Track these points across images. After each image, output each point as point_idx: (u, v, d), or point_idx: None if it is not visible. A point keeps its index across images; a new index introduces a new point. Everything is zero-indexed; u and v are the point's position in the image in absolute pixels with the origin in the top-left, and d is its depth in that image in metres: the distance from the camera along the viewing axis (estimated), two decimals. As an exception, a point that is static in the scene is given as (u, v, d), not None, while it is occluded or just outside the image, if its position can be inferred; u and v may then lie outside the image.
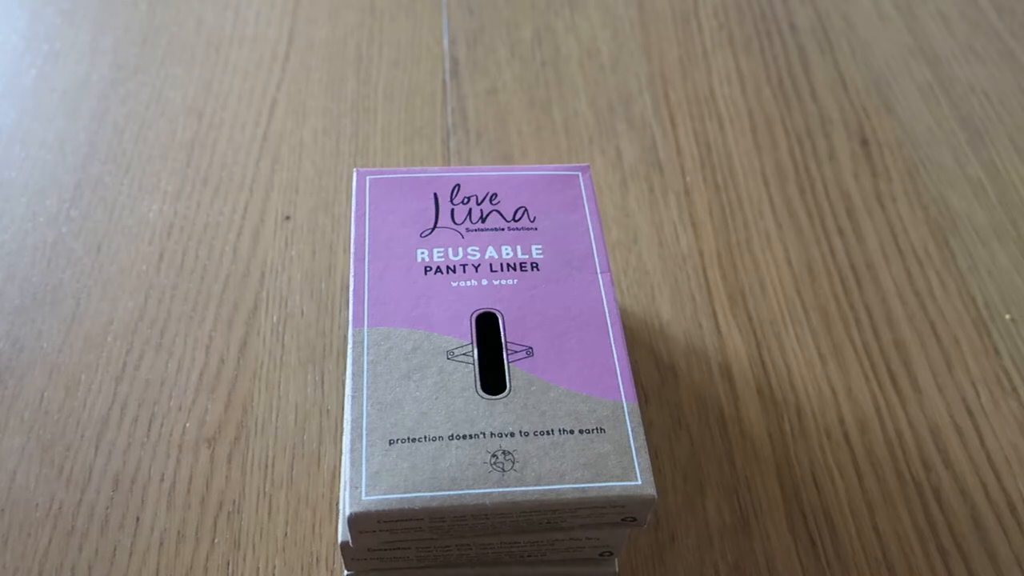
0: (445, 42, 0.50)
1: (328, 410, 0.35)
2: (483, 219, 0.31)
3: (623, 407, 0.26)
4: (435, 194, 0.32)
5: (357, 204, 0.31)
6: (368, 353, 0.27)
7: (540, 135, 0.46)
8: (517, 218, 0.31)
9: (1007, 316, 0.39)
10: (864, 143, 0.46)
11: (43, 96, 0.46)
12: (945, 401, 0.36)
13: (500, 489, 0.24)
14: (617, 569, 0.29)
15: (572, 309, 0.29)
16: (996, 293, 0.40)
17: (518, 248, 0.30)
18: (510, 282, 0.29)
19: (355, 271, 0.29)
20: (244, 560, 0.31)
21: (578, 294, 0.29)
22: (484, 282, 0.29)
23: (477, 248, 0.30)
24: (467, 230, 0.31)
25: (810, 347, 0.38)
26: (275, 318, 0.38)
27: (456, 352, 0.27)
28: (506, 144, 0.45)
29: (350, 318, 0.28)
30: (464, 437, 0.25)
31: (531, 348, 0.27)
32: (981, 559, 0.32)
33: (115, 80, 0.47)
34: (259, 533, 0.32)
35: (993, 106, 0.48)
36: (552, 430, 0.26)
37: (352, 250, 0.30)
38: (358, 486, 0.24)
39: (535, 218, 0.31)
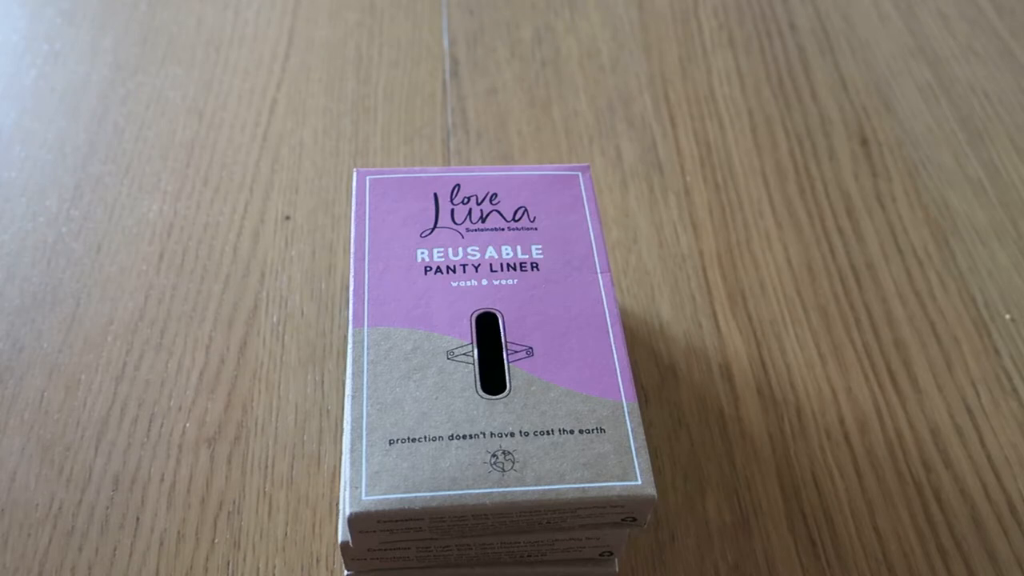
0: (445, 42, 0.50)
1: (328, 410, 0.35)
2: (483, 219, 0.31)
3: (623, 407, 0.26)
4: (435, 194, 0.32)
5: (357, 204, 0.31)
6: (368, 353, 0.27)
7: (540, 135, 0.46)
8: (517, 218, 0.31)
9: (1007, 316, 0.39)
10: (864, 143, 0.46)
11: (43, 96, 0.46)
12: (945, 401, 0.36)
13: (500, 489, 0.24)
14: (617, 569, 0.29)
15: (572, 309, 0.29)
16: (996, 293, 0.40)
17: (518, 248, 0.30)
18: (510, 282, 0.29)
19: (355, 271, 0.29)
20: (244, 560, 0.31)
21: (578, 294, 0.29)
22: (484, 282, 0.29)
23: (477, 248, 0.30)
24: (467, 230, 0.31)
25: (810, 347, 0.38)
26: (275, 318, 0.38)
27: (456, 352, 0.27)
28: (506, 144, 0.45)
29: (350, 318, 0.28)
30: (464, 437, 0.25)
31: (531, 348, 0.27)
32: (981, 559, 0.32)
33: (115, 80, 0.47)
34: (259, 533, 0.32)
35: (993, 106, 0.48)
36: (552, 430, 0.26)
37: (352, 250, 0.30)
38: (358, 486, 0.24)
39: (535, 218, 0.31)
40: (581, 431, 0.26)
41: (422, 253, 0.30)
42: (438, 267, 0.29)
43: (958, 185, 0.45)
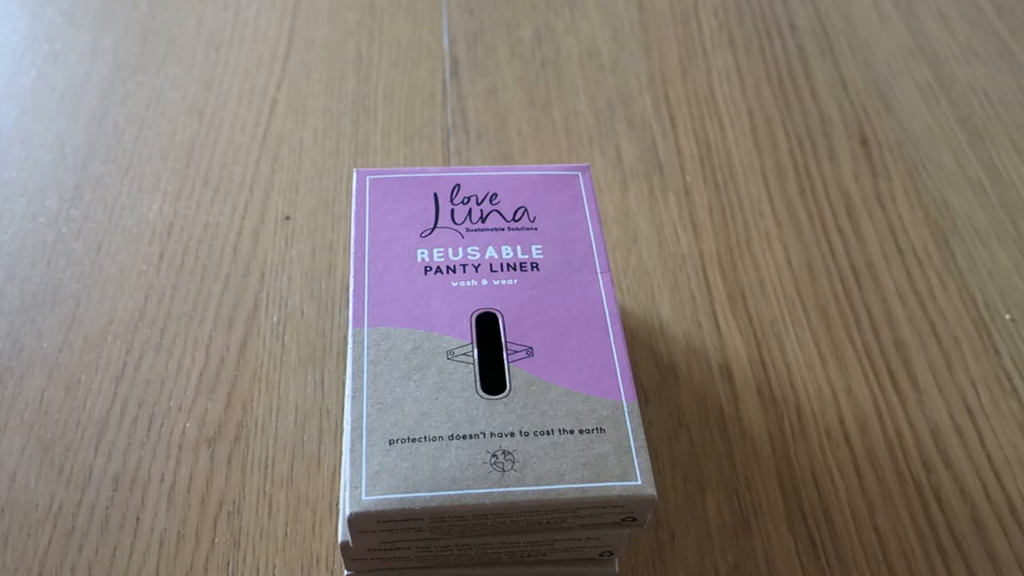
0: (445, 42, 0.50)
1: (328, 410, 0.35)
2: (483, 219, 0.31)
3: (623, 407, 0.26)
4: (435, 194, 0.32)
5: (357, 204, 0.31)
6: (368, 353, 0.27)
7: (540, 135, 0.46)
8: (517, 218, 0.31)
9: (1007, 316, 0.39)
10: (864, 143, 0.46)
11: (43, 96, 0.46)
12: (945, 401, 0.36)
13: (500, 489, 0.24)
14: (617, 569, 0.29)
15: (572, 309, 0.29)
16: (996, 293, 0.40)
17: (518, 248, 0.30)
18: (510, 282, 0.29)
19: (355, 271, 0.29)
20: (244, 560, 0.31)
21: (578, 294, 0.29)
22: (484, 282, 0.29)
23: (477, 248, 0.30)
24: (467, 230, 0.31)
25: (810, 347, 0.38)
26: (275, 318, 0.38)
27: (456, 352, 0.27)
28: (506, 144, 0.45)
29: (350, 318, 0.28)
30: (464, 437, 0.25)
31: (531, 348, 0.27)
32: (981, 559, 0.32)
33: (115, 80, 0.47)
34: (259, 533, 0.32)
35: (993, 106, 0.48)
36: (552, 430, 0.26)
37: (352, 250, 0.30)
38: (358, 486, 0.24)
39: (535, 218, 0.31)
40: (581, 431, 0.26)
41: (422, 253, 0.30)
42: (438, 267, 0.29)
43: (958, 185, 0.45)
